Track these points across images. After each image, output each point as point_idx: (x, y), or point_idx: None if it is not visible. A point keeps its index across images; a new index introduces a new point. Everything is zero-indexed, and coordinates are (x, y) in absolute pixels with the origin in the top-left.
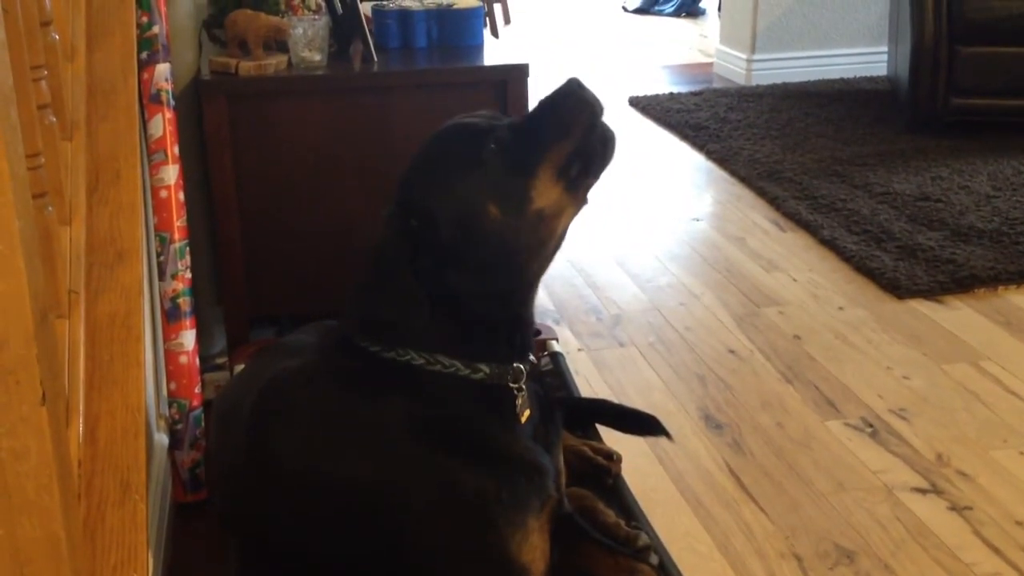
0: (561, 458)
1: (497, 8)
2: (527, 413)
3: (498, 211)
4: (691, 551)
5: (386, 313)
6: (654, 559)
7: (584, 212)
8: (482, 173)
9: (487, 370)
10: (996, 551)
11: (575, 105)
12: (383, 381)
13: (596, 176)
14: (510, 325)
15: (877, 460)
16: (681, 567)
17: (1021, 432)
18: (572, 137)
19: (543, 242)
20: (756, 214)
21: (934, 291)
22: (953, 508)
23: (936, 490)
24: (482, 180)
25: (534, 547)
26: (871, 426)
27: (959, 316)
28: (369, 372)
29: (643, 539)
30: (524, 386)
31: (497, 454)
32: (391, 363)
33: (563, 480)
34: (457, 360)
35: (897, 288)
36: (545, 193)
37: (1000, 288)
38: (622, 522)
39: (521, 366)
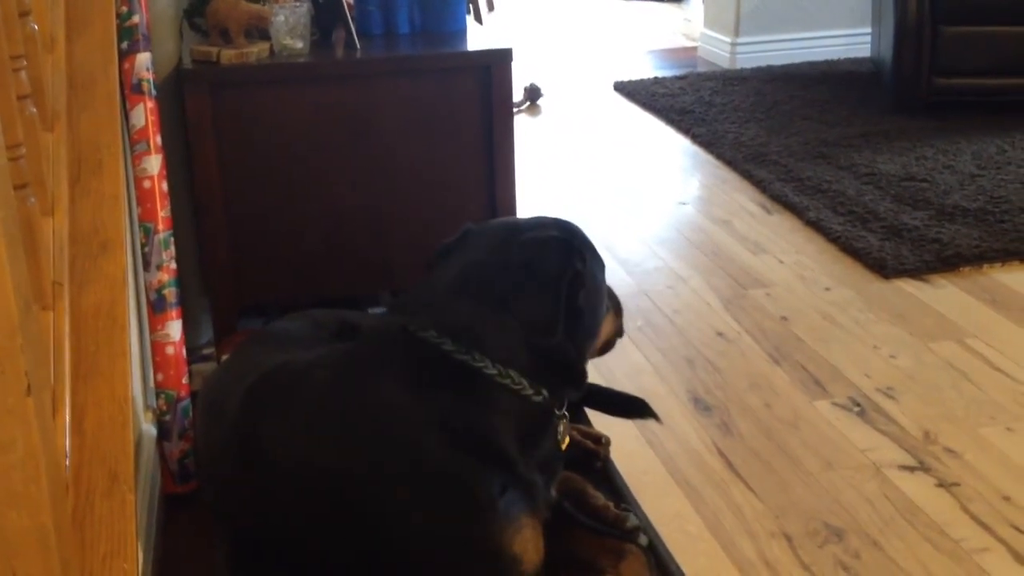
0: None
1: None
2: (567, 440)
3: (604, 309)
4: (681, 532)
5: (500, 330)
6: (643, 540)
7: (572, 198)
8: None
9: (546, 394)
10: (984, 527)
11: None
12: (438, 378)
13: (604, 353)
14: (570, 372)
15: (865, 439)
16: (671, 548)
17: (1007, 408)
18: (618, 321)
19: (589, 352)
20: (742, 197)
21: (920, 270)
22: (941, 485)
23: (924, 467)
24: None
25: (526, 539)
26: (858, 405)
27: (945, 295)
28: (427, 367)
29: (632, 521)
30: (566, 413)
31: (502, 462)
32: (460, 365)
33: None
34: (526, 380)
35: (883, 268)
36: (607, 327)
37: (985, 266)
38: (611, 504)
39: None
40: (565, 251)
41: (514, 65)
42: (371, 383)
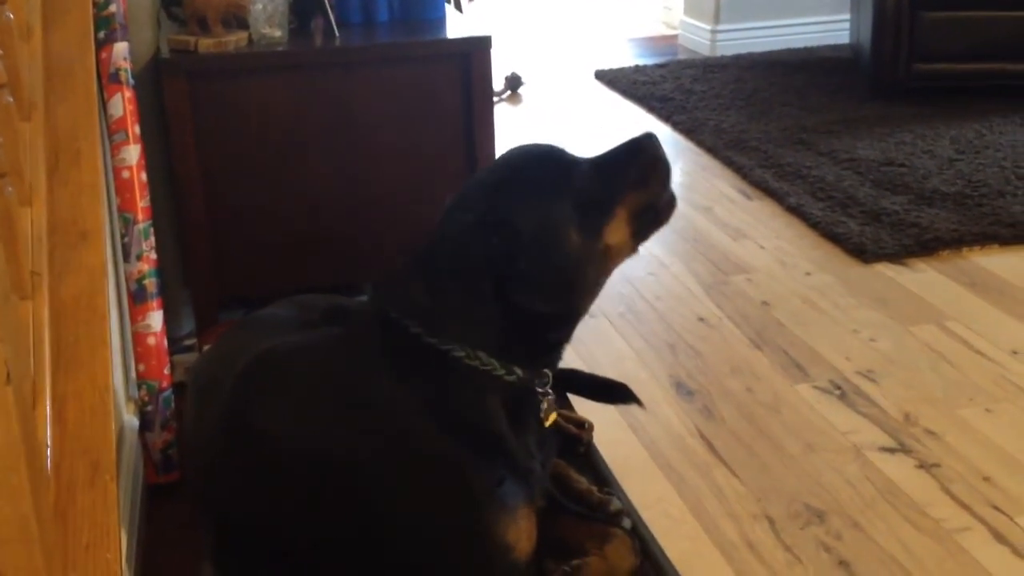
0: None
1: None
2: (553, 416)
3: (578, 239)
4: (664, 515)
5: (459, 312)
6: (627, 523)
7: None
8: (569, 201)
9: (520, 373)
10: (964, 507)
11: (655, 163)
12: (416, 362)
13: (654, 230)
14: (552, 343)
15: (846, 421)
16: (654, 531)
17: (986, 390)
18: (648, 191)
19: (599, 276)
20: (723, 183)
21: (899, 254)
22: (921, 466)
23: (904, 449)
24: (569, 208)
25: (520, 529)
26: (839, 388)
27: (924, 278)
28: (404, 351)
29: (615, 504)
30: (550, 391)
31: (499, 450)
32: (430, 348)
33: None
34: (495, 360)
35: (863, 252)
36: (616, 232)
37: (964, 249)
38: (595, 489)
39: (548, 371)
40: (480, 236)
41: (494, 54)
42: (359, 368)
